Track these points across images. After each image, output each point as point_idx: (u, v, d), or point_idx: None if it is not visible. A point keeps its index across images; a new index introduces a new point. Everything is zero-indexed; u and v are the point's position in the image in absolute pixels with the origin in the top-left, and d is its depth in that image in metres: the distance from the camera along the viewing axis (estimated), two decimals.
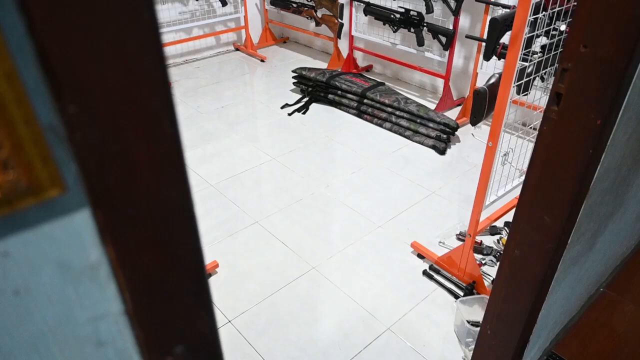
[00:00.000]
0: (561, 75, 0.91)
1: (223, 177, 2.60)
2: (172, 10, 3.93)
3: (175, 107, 0.24)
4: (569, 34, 0.88)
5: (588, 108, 0.88)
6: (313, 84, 3.43)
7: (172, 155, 0.26)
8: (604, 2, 0.80)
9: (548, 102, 0.95)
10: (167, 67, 0.24)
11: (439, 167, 2.71)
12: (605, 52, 0.82)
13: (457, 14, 2.90)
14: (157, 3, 3.73)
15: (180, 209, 0.28)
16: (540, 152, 1.00)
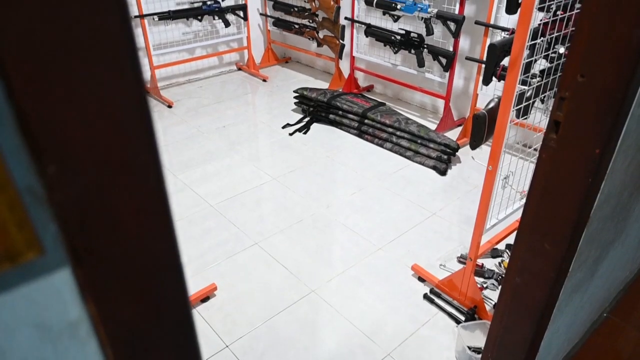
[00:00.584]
0: (559, 103, 0.91)
1: (223, 197, 2.60)
2: (176, 31, 3.98)
3: (160, 161, 0.24)
4: (566, 64, 0.89)
5: (586, 137, 0.88)
6: (314, 104, 3.45)
7: (157, 209, 0.25)
8: (601, 32, 0.80)
9: (547, 129, 0.95)
10: (153, 122, 0.24)
11: (440, 188, 2.70)
12: (602, 82, 0.82)
13: (457, 36, 2.93)
14: (162, 24, 3.78)
15: (166, 262, 0.27)
16: (539, 179, 1.00)
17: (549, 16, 1.46)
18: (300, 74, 4.44)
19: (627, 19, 0.77)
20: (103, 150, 0.22)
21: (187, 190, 2.67)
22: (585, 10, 0.82)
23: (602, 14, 0.80)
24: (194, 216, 2.45)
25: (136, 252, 0.25)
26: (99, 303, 0.25)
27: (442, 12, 2.94)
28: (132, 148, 0.23)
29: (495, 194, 1.62)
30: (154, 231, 0.26)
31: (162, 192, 0.25)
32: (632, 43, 0.77)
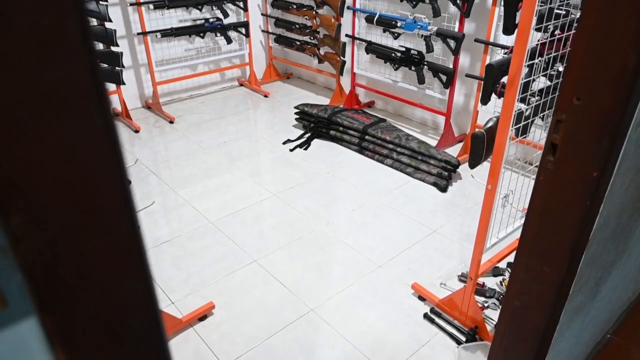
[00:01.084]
0: (556, 126, 0.91)
1: (223, 214, 2.59)
2: (179, 47, 4.02)
3: (132, 205, 0.24)
4: (561, 86, 0.88)
5: (584, 160, 0.87)
6: (315, 120, 3.46)
7: (129, 253, 0.25)
8: (596, 56, 0.80)
9: (544, 151, 0.95)
10: (124, 167, 0.23)
11: (441, 204, 2.69)
12: (598, 106, 0.82)
13: (456, 53, 2.94)
14: (165, 41, 3.82)
15: (140, 305, 0.26)
16: (537, 201, 0.99)
17: (547, 36, 1.47)
18: (302, 90, 4.46)
19: (622, 43, 0.77)
20: (70, 198, 0.21)
21: (187, 206, 2.66)
22: (580, 34, 0.82)
23: (597, 37, 0.80)
24: (193, 232, 2.44)
25: (107, 297, 0.25)
26: (68, 351, 0.24)
27: (442, 30, 2.96)
28: (101, 194, 0.22)
29: (495, 212, 1.61)
30: (126, 275, 0.25)
31: (135, 235, 0.25)
32: (628, 67, 0.77)
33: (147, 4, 3.54)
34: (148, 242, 2.37)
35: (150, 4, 3.55)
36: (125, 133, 3.59)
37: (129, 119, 3.68)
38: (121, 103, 3.69)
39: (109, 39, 3.29)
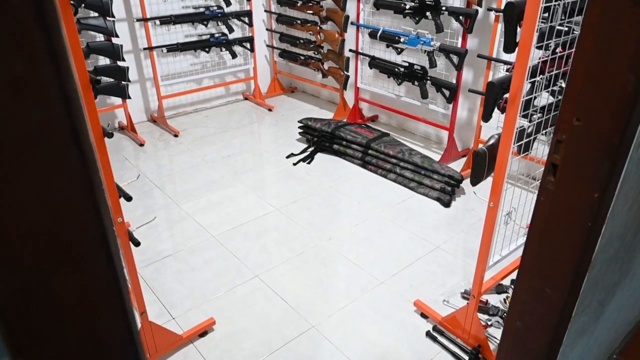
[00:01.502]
0: (556, 146, 0.90)
1: (225, 228, 2.59)
2: (184, 62, 4.07)
3: (113, 245, 0.23)
4: (561, 107, 0.88)
5: (584, 181, 0.87)
6: (318, 134, 3.47)
7: (107, 295, 0.25)
8: (594, 77, 0.80)
9: (544, 171, 0.94)
10: (102, 207, 0.23)
11: (444, 220, 2.67)
12: (598, 127, 0.82)
13: (459, 69, 2.95)
14: (171, 56, 3.86)
15: (119, 344, 0.26)
16: (538, 222, 0.98)
17: (548, 54, 1.47)
18: (306, 104, 4.48)
19: (621, 64, 0.77)
20: (44, 240, 0.21)
21: (189, 220, 2.66)
22: (579, 54, 0.82)
23: (595, 58, 0.79)
24: (195, 247, 2.43)
25: (84, 340, 0.24)
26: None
27: (445, 46, 2.98)
28: (77, 236, 0.22)
29: (497, 230, 1.60)
30: (103, 317, 0.25)
31: (113, 276, 0.24)
32: (627, 88, 0.77)
33: (153, 20, 3.59)
34: (150, 256, 2.36)
35: (156, 20, 3.60)
36: (130, 146, 3.62)
37: (134, 133, 3.71)
38: (127, 117, 3.72)
39: (116, 54, 3.33)
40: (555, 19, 1.39)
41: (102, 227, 0.23)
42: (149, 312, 1.74)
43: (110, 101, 3.74)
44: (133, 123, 3.74)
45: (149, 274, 2.24)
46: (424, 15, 3.01)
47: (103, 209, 0.23)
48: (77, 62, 1.17)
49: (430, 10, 2.96)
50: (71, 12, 1.12)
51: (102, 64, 3.41)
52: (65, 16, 1.12)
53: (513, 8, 1.22)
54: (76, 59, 1.17)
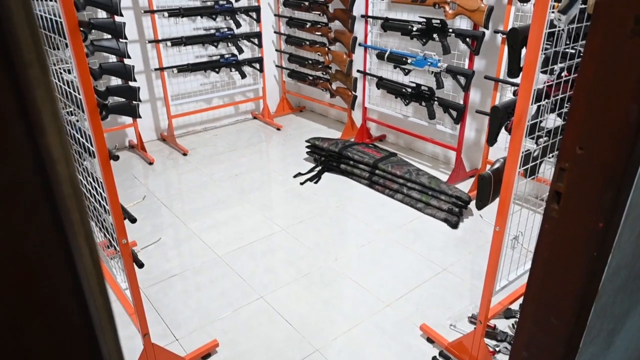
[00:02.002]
0: (559, 174, 0.89)
1: (231, 248, 2.58)
2: (194, 82, 4.13)
3: (87, 296, 0.23)
4: (564, 135, 0.87)
5: (588, 210, 0.85)
6: (326, 153, 3.48)
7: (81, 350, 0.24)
8: (596, 106, 0.79)
9: (548, 199, 0.93)
10: (77, 262, 0.23)
11: (451, 241, 2.64)
12: (601, 156, 0.81)
13: (467, 90, 2.96)
14: (181, 76, 3.93)
15: None
16: (542, 250, 0.96)
17: (554, 78, 1.46)
18: (314, 123, 4.51)
19: (623, 94, 0.76)
20: (13, 294, 0.21)
21: (195, 240, 2.67)
22: (580, 83, 0.81)
23: (597, 87, 0.79)
24: (201, 266, 2.43)
25: None
26: None
27: (452, 67, 2.99)
28: (49, 290, 0.22)
29: (504, 254, 1.57)
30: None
31: (89, 331, 0.24)
32: (630, 118, 0.76)
33: (165, 42, 3.66)
34: (156, 275, 2.36)
35: (168, 42, 3.67)
36: (140, 165, 3.66)
37: (143, 151, 3.75)
38: (137, 135, 3.77)
39: (128, 74, 3.39)
40: (560, 44, 1.39)
41: (76, 282, 0.23)
42: (153, 332, 1.73)
43: (122, 120, 3.79)
44: (143, 142, 3.79)
45: (154, 293, 2.24)
46: (431, 37, 3.03)
47: (79, 264, 0.23)
48: (85, 87, 1.19)
49: (437, 32, 2.98)
50: (80, 38, 1.15)
51: (114, 84, 3.48)
52: (73, 42, 1.14)
53: (516, 34, 1.23)
54: (84, 84, 1.19)
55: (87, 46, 3.13)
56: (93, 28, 3.16)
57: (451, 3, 2.87)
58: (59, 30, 1.25)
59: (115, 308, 2.10)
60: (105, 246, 1.91)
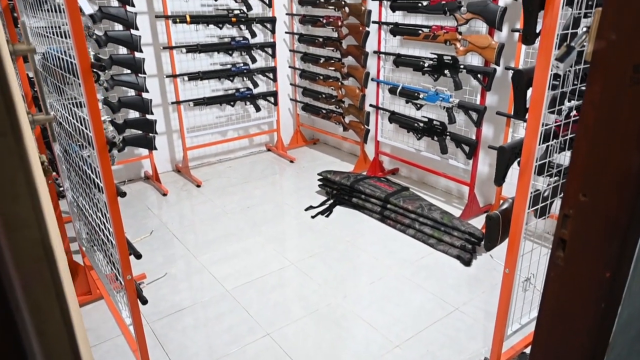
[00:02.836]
0: (563, 221, 0.87)
1: (240, 282, 2.57)
2: (210, 115, 4.22)
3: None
4: (567, 180, 0.85)
5: (594, 259, 0.82)
6: (338, 187, 3.47)
7: None
8: (598, 154, 0.78)
9: (553, 246, 0.90)
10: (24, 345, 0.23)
11: (464, 279, 2.58)
12: (605, 204, 0.78)
13: (479, 125, 2.95)
14: (197, 109, 4.02)
15: None
16: (549, 299, 0.93)
17: (562, 118, 1.45)
18: (327, 156, 4.53)
19: (625, 142, 0.74)
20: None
21: (204, 273, 2.66)
22: (581, 131, 0.80)
23: (598, 136, 0.78)
24: (209, 301, 2.41)
25: None
26: None
27: (464, 102, 2.99)
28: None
29: (515, 297, 1.52)
30: None
31: None
32: (632, 167, 0.74)
33: (182, 76, 3.77)
34: (164, 309, 2.35)
35: (185, 76, 3.78)
36: (154, 196, 3.70)
37: (158, 182, 3.80)
38: (152, 167, 3.84)
39: (145, 108, 3.49)
40: (567, 84, 1.38)
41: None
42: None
43: (138, 152, 3.87)
44: (158, 173, 3.85)
45: (160, 328, 2.22)
46: (443, 73, 3.06)
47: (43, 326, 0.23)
48: (95, 125, 1.22)
49: (449, 68, 3.00)
50: (91, 79, 1.18)
51: (132, 116, 3.57)
52: (85, 83, 1.18)
53: (521, 75, 1.23)
54: (94, 122, 1.22)
55: (107, 80, 3.24)
56: (113, 63, 3.28)
57: (462, 40, 2.91)
58: (73, 70, 1.29)
59: (119, 342, 2.09)
60: (112, 279, 1.92)
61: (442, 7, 2.91)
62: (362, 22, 3.55)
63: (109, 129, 3.26)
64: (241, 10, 3.89)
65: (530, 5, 1.16)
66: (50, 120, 1.06)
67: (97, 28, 3.21)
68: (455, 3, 2.85)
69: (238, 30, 4.04)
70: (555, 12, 1.16)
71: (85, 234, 2.17)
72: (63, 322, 0.34)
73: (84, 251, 2.36)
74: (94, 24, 3.10)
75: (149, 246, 2.94)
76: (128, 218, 3.30)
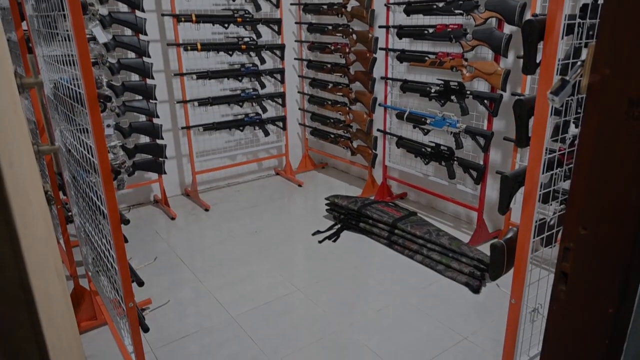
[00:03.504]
0: (564, 253, 0.86)
1: (245, 308, 2.54)
2: (219, 139, 4.27)
3: None
4: (566, 213, 0.84)
5: (597, 294, 0.81)
6: (345, 211, 3.46)
7: None
8: (596, 187, 0.77)
9: (554, 279, 0.88)
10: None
11: (473, 307, 2.53)
12: (605, 238, 0.77)
13: (486, 151, 2.94)
14: (207, 134, 4.07)
15: None
16: (552, 333, 0.90)
17: (566, 146, 1.44)
18: (336, 180, 4.54)
19: (623, 175, 0.74)
20: None
21: (209, 298, 2.64)
22: (579, 163, 0.80)
23: (596, 168, 0.77)
24: (213, 327, 2.39)
25: None
26: None
27: (471, 128, 2.99)
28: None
29: (522, 329, 1.49)
30: None
31: None
32: (630, 200, 0.73)
33: (192, 102, 3.83)
34: (168, 335, 2.34)
35: (195, 101, 3.85)
36: (163, 220, 3.73)
37: (167, 206, 3.83)
38: (161, 191, 3.87)
39: (156, 133, 3.54)
40: (570, 112, 1.38)
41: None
42: None
43: (148, 176, 3.92)
44: (167, 197, 3.88)
45: (164, 355, 2.20)
46: (449, 99, 3.07)
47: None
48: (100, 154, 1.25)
49: (455, 94, 3.02)
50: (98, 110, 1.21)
51: (142, 141, 3.63)
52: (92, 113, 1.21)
53: (522, 105, 1.23)
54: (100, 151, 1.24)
55: (119, 106, 3.31)
56: (126, 90, 3.36)
57: (468, 66, 2.93)
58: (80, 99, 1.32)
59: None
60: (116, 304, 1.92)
61: (448, 35, 2.95)
62: (369, 48, 3.60)
63: (120, 154, 3.31)
64: (251, 38, 3.97)
65: (530, 35, 1.17)
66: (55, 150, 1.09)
67: (111, 56, 3.30)
68: (460, 30, 2.88)
69: (248, 57, 4.12)
70: (554, 42, 1.17)
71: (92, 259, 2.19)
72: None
73: (90, 276, 2.37)
74: (107, 52, 3.19)
75: (156, 270, 2.94)
76: (136, 242, 3.32)
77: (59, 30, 1.43)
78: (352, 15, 3.71)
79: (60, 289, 0.84)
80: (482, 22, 2.76)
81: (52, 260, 0.80)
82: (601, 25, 0.72)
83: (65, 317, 0.75)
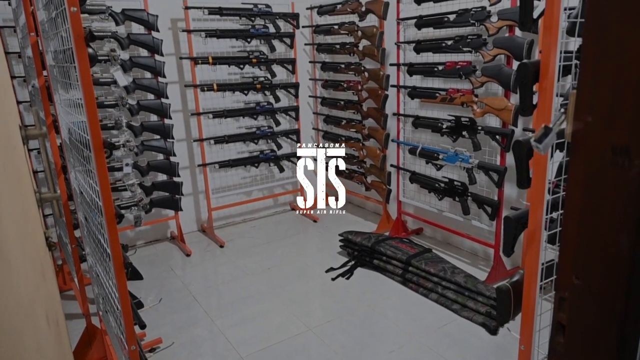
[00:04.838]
0: (560, 304, 0.83)
1: (255, 348, 2.51)
2: (235, 176, 4.33)
3: None
4: (559, 261, 0.82)
5: (595, 346, 0.77)
6: (359, 248, 3.43)
7: None
8: (586, 236, 0.75)
9: (552, 331, 0.85)
10: None
11: (490, 349, 2.43)
12: (598, 288, 0.74)
13: (500, 186, 2.89)
14: (223, 171, 4.14)
15: None
16: None
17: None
18: (351, 215, 4.52)
19: (612, 224, 0.71)
20: None
21: (220, 337, 2.62)
22: (569, 210, 0.78)
23: (585, 216, 0.75)
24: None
25: None
26: None
27: (484, 163, 2.96)
28: None
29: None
30: None
31: None
32: (622, 249, 0.71)
33: (209, 140, 3.93)
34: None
35: (211, 139, 3.94)
36: (178, 256, 3.76)
37: (183, 243, 3.87)
38: (177, 227, 3.92)
39: (172, 170, 3.63)
40: None
41: None
42: None
43: (165, 213, 3.98)
44: (183, 233, 3.92)
45: None
46: (461, 134, 3.06)
47: None
48: (105, 200, 1.28)
49: (467, 130, 3.01)
50: (103, 156, 1.25)
51: (160, 179, 3.71)
52: (97, 159, 1.25)
53: (521, 146, 1.22)
54: (105, 197, 1.28)
55: (137, 146, 3.41)
56: (144, 130, 3.47)
57: (479, 102, 2.93)
58: (87, 145, 1.37)
59: None
60: (123, 345, 1.92)
61: (457, 72, 2.97)
62: (381, 86, 3.65)
63: (137, 192, 3.39)
64: (266, 77, 4.08)
65: (524, 78, 1.17)
66: (56, 198, 1.13)
67: (131, 97, 3.43)
68: (469, 67, 2.90)
69: (263, 95, 4.23)
70: (549, 84, 1.16)
71: (102, 298, 2.21)
72: None
73: (100, 315, 2.39)
74: (127, 94, 3.32)
75: (169, 309, 2.94)
76: (151, 279, 3.34)
77: (71, 80, 1.50)
78: (364, 54, 3.78)
79: (52, 334, 0.85)
80: (490, 59, 2.77)
81: (43, 307, 0.81)
82: (581, 70, 0.72)
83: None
